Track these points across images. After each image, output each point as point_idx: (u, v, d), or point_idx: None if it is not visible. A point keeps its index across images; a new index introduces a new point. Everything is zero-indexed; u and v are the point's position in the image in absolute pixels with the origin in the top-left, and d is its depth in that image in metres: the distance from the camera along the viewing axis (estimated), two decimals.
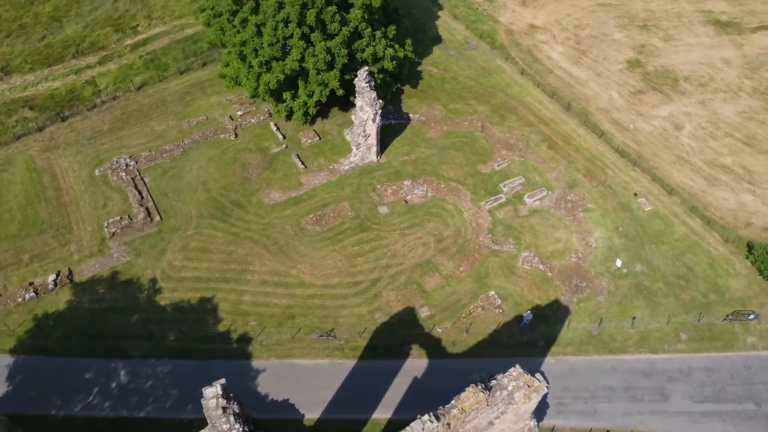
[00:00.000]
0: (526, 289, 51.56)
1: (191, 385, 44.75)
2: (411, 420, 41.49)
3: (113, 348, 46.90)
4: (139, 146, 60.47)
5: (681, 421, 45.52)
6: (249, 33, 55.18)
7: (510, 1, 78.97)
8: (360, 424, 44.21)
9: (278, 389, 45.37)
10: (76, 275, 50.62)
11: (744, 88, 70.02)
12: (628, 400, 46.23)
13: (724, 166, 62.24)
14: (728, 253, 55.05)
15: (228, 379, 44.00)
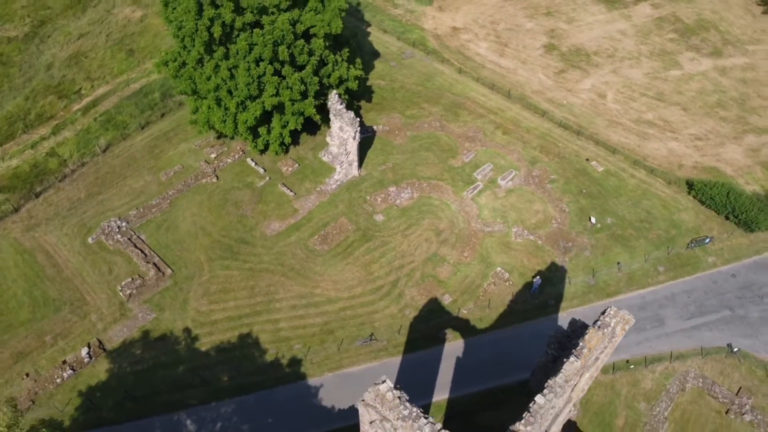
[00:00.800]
0: (525, 260, 57.95)
1: (259, 417, 47.11)
2: (468, 395, 46.75)
3: (170, 402, 47.80)
4: (123, 206, 60.51)
5: (680, 338, 53.73)
6: (222, 77, 57.29)
7: (428, 9, 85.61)
8: (424, 409, 48.37)
9: (341, 399, 48.48)
10: (106, 343, 50.63)
11: (643, 53, 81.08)
12: (635, 332, 53.76)
13: (648, 121, 72.29)
14: (673, 193, 64.63)
15: (291, 399, 47.45)
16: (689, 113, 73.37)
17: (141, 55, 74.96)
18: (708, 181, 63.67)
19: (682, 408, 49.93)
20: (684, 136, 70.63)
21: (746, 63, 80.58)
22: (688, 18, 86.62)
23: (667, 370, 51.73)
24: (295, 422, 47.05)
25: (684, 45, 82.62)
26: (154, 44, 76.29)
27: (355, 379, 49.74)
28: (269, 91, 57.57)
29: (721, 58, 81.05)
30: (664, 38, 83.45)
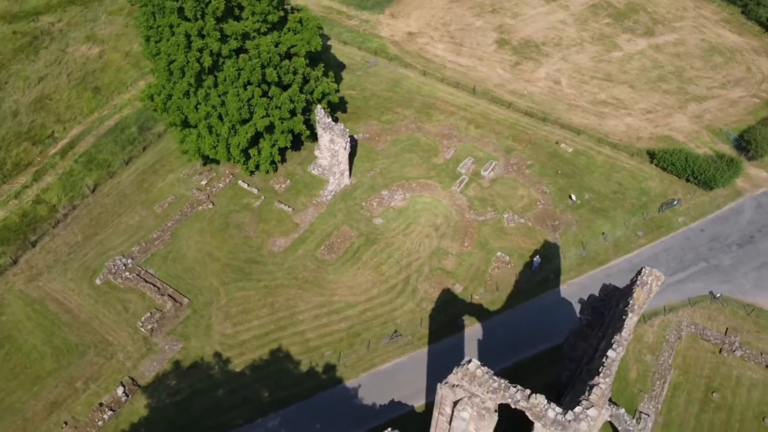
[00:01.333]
0: (521, 242, 62.19)
1: (306, 425, 48.93)
2: (498, 372, 50.19)
3: (216, 426, 48.76)
4: (124, 244, 60.51)
5: (669, 292, 59.25)
6: (212, 104, 58.40)
7: (381, 18, 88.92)
8: None
9: (380, 395, 50.92)
10: (139, 380, 50.96)
11: (585, 39, 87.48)
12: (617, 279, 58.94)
13: (602, 101, 78.40)
14: (638, 164, 70.68)
15: (333, 403, 49.63)
16: (636, 90, 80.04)
17: (108, 92, 74.49)
18: (666, 149, 70.05)
19: (682, 354, 55.36)
20: (636, 111, 77.08)
21: (676, 39, 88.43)
22: (619, 3, 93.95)
23: (663, 322, 57.12)
24: (341, 424, 49.14)
25: (619, 28, 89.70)
26: (118, 79, 75.94)
27: (388, 375, 52.32)
28: (259, 113, 59.24)
29: (654, 37, 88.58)
30: (600, 23, 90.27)
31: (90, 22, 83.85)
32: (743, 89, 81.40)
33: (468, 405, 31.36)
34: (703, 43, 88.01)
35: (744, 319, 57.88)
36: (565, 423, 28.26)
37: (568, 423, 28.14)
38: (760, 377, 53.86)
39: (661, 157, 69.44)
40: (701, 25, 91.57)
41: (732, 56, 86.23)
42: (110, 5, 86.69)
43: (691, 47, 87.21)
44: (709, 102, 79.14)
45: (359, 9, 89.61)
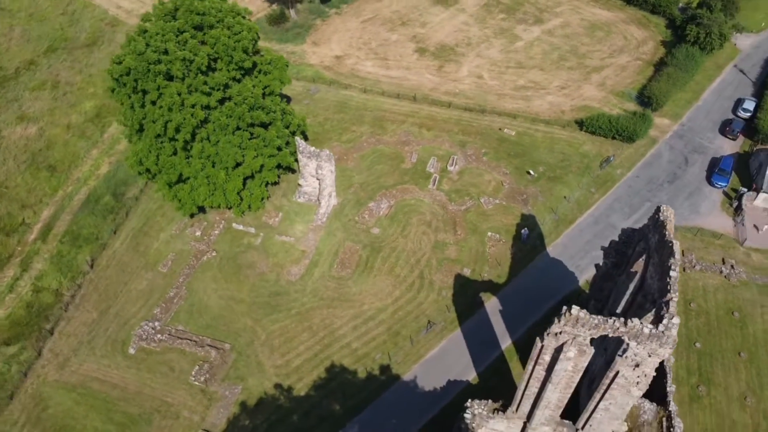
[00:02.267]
0: (504, 220, 70.18)
1: (383, 422, 53.34)
2: (525, 332, 57.28)
3: None
4: (142, 310, 60.79)
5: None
6: (206, 154, 60.40)
7: (305, 47, 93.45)
8: (500, 358, 58.25)
9: (436, 379, 56.39)
10: (214, 430, 52.43)
11: (489, 35, 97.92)
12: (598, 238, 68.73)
13: (523, 86, 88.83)
14: (570, 134, 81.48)
15: (400, 398, 54.60)
16: (546, 71, 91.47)
17: (64, 168, 72.98)
18: (590, 116, 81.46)
19: None
20: (552, 89, 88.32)
21: (561, 22, 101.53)
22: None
23: None
24: (413, 412, 54.03)
25: (513, 21, 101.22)
26: (70, 153, 74.53)
27: (436, 361, 57.90)
28: (251, 155, 62.21)
29: (544, 24, 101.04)
30: (497, 19, 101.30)
31: (13, 102, 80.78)
32: (627, 55, 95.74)
33: (573, 345, 38.04)
34: (583, 22, 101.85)
35: (692, 240, 69.92)
36: (659, 335, 35.77)
37: (662, 333, 35.69)
38: (719, 282, 65.78)
39: (588, 124, 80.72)
40: (577, 7, 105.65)
41: (609, 29, 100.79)
42: (29, 82, 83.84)
43: (576, 27, 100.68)
44: (606, 70, 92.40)
45: (282, 42, 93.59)
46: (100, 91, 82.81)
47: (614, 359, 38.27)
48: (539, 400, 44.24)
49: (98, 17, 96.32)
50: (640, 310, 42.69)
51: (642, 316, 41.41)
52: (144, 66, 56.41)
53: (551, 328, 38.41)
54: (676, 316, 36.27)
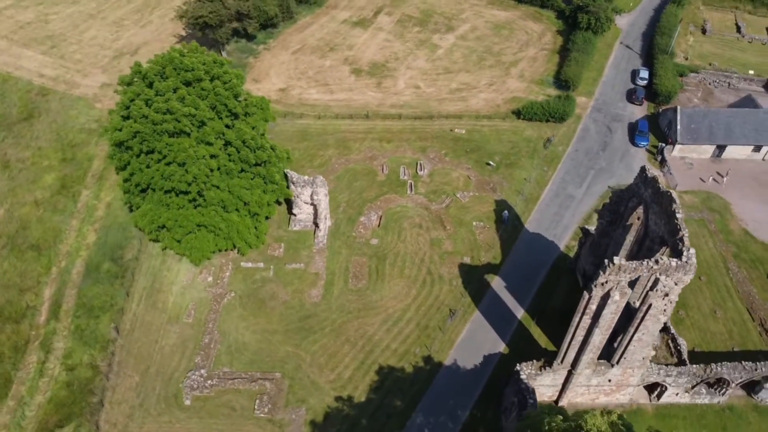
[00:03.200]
0: (481, 208, 78.31)
1: (442, 404, 59.34)
2: (534, 300, 65.00)
3: None
4: (182, 362, 61.97)
5: (586, 199, 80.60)
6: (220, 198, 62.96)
7: (247, 86, 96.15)
8: (520, 326, 66.00)
9: (473, 357, 63.04)
10: None
11: (411, 48, 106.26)
12: (562, 209, 78.86)
13: (456, 89, 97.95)
14: (511, 123, 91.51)
15: (448, 381, 61.41)
16: (471, 72, 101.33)
17: (49, 244, 71.54)
18: (524, 105, 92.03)
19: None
20: (482, 87, 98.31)
21: (470, 26, 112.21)
22: (414, 13, 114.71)
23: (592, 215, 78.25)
24: (464, 390, 60.35)
25: (428, 31, 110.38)
26: (50, 228, 73.08)
27: (468, 342, 64.52)
28: (256, 193, 65.54)
29: (455, 30, 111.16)
30: (413, 33, 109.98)
31: None
32: (533, 47, 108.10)
33: (617, 291, 46.36)
34: (488, 24, 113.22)
35: None
36: (684, 265, 44.88)
37: (686, 263, 44.83)
38: None
39: (525, 112, 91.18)
40: (478, 12, 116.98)
41: (511, 27, 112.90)
42: None
43: (483, 30, 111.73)
44: (520, 64, 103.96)
45: None
46: (55, 163, 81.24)
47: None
48: (585, 346, 52.31)
49: (24, 89, 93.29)
50: (649, 252, 51.97)
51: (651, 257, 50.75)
52: (150, 127, 58.23)
53: (597, 279, 46.48)
54: (693, 248, 45.62)
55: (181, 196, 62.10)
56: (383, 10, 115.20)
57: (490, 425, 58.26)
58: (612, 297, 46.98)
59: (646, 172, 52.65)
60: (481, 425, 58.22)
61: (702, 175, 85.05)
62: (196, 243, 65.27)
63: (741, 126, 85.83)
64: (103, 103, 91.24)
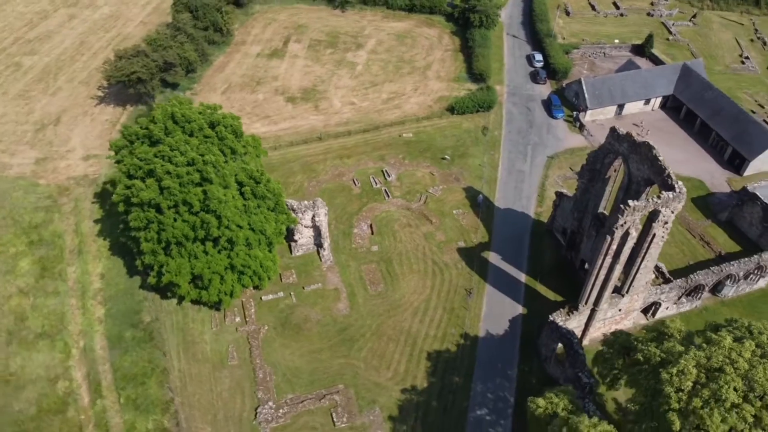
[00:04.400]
0: (455, 197, 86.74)
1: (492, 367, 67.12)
2: (531, 264, 74.15)
3: (462, 411, 62.33)
4: (246, 401, 63.36)
5: (536, 169, 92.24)
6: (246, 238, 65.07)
7: None
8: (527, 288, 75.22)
9: (500, 324, 71.30)
10: None
11: (332, 69, 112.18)
12: (519, 182, 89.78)
13: (388, 98, 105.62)
14: (448, 120, 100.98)
15: (487, 347, 69.23)
16: (395, 81, 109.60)
17: (57, 329, 68.60)
18: (454, 101, 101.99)
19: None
20: (410, 93, 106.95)
21: (376, 40, 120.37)
22: (322, 37, 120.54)
23: (549, 183, 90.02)
24: (502, 353, 68.34)
25: (341, 51, 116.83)
26: (51, 314, 70.00)
27: (490, 311, 72.62)
28: (271, 226, 68.40)
29: (365, 46, 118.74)
30: (328, 55, 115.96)
31: None
32: (438, 50, 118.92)
33: (633, 228, 56.74)
34: (391, 36, 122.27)
35: (571, 157, 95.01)
36: (678, 195, 56.19)
37: (680, 194, 56.16)
38: None
39: (457, 108, 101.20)
40: (377, 27, 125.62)
41: (412, 36, 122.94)
42: None
43: (389, 41, 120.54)
44: (433, 66, 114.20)
45: None
46: (24, 248, 76.96)
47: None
48: (606, 283, 62.42)
49: None
50: (636, 194, 63.09)
51: (639, 198, 62.08)
52: (176, 181, 59.29)
53: (617, 223, 56.50)
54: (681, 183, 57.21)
55: (208, 243, 63.48)
56: (291, 38, 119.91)
57: (539, 374, 66.71)
58: (630, 234, 57.36)
59: (618, 132, 63.91)
60: (532, 376, 66.50)
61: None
62: (225, 287, 66.62)
63: (632, 86, 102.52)
64: (48, 178, 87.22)
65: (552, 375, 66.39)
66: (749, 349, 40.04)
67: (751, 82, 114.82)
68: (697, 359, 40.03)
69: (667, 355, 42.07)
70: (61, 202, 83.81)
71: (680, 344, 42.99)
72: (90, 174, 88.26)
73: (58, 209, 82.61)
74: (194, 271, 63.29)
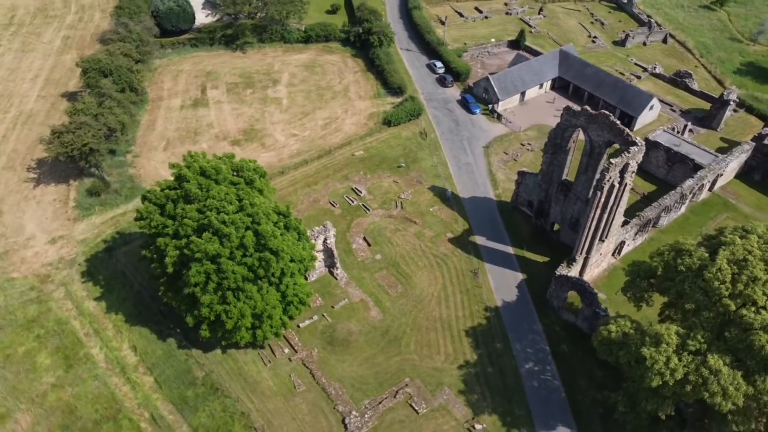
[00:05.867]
0: (426, 197, 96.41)
1: (524, 329, 77.57)
2: (511, 240, 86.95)
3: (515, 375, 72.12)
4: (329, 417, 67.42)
5: (478, 159, 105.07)
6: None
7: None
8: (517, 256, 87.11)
9: (511, 292, 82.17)
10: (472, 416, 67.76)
11: (260, 107, 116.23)
12: (471, 174, 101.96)
13: (326, 124, 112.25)
14: (388, 131, 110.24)
15: (510, 312, 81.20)
16: (324, 108, 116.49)
17: (112, 411, 67.03)
18: (388, 114, 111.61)
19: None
20: (342, 115, 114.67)
21: (288, 74, 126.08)
22: (235, 80, 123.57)
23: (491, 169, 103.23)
24: (526, 313, 79.38)
25: (261, 89, 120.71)
26: (95, 400, 68.00)
27: (499, 284, 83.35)
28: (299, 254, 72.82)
29: (281, 81, 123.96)
30: (249, 95, 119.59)
31: None
32: (347, 73, 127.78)
33: (615, 180, 70.63)
34: (299, 67, 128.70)
35: (501, 143, 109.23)
36: (641, 148, 70.97)
37: (642, 146, 70.97)
38: (533, 155, 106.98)
39: (393, 120, 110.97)
40: (283, 61, 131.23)
41: (319, 64, 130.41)
42: None
43: (300, 73, 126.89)
44: (351, 88, 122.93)
45: (128, 201, 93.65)
46: (35, 344, 72.90)
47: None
48: (596, 233, 76.04)
49: None
50: (599, 156, 77.42)
51: (600, 161, 76.75)
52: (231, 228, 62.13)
53: (606, 178, 70.00)
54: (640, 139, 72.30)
55: (261, 281, 66.64)
56: (206, 86, 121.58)
57: (558, 322, 78.60)
58: (614, 186, 71.22)
59: (572, 109, 77.95)
60: (554, 325, 78.21)
61: (528, 115, 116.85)
62: (275, 322, 69.76)
63: (527, 75, 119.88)
64: (20, 270, 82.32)
65: (568, 320, 78.70)
66: (755, 240, 54.73)
67: (606, 56, 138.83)
68: (725, 257, 53.80)
69: (702, 261, 55.45)
70: (48, 290, 79.93)
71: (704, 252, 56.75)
72: (65, 256, 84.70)
73: (48, 297, 78.80)
74: (256, 311, 66.08)
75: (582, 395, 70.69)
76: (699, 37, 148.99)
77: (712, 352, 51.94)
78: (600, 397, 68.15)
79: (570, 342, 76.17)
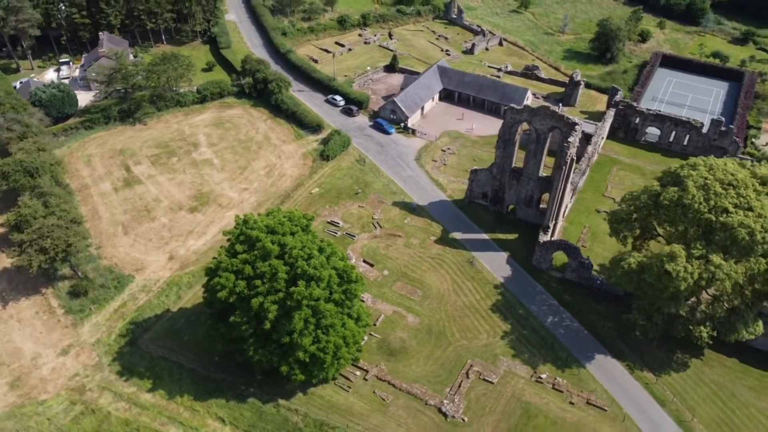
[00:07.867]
0: (395, 212, 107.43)
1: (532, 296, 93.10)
2: (484, 228, 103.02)
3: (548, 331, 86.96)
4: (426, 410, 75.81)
5: (417, 170, 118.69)
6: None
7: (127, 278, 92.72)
8: (496, 241, 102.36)
9: (505, 269, 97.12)
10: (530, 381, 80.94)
11: (194, 173, 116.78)
12: (421, 187, 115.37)
13: (267, 172, 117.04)
14: (330, 165, 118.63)
15: (518, 284, 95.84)
16: (257, 159, 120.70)
17: None
18: (322, 150, 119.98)
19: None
20: (276, 161, 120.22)
21: (203, 135, 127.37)
22: (156, 152, 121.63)
23: (431, 175, 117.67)
24: (527, 282, 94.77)
25: (184, 155, 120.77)
26: None
27: (494, 266, 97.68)
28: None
29: (199, 144, 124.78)
30: (176, 163, 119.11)
31: None
32: (258, 122, 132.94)
33: (574, 154, 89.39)
34: (208, 127, 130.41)
35: (425, 152, 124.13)
36: (580, 125, 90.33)
37: (579, 125, 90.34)
38: (455, 159, 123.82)
39: (330, 154, 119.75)
40: (190, 124, 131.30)
41: (226, 119, 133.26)
42: None
43: (213, 131, 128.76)
44: (271, 135, 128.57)
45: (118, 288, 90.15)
46: None
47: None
48: (563, 200, 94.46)
49: None
50: (544, 141, 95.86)
51: (545, 146, 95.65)
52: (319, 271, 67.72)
53: (567, 155, 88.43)
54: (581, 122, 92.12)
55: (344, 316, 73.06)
56: (128, 163, 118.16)
57: (555, 280, 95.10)
58: (587, 154, 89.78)
59: (513, 107, 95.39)
60: (552, 283, 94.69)
61: (434, 125, 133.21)
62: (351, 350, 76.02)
63: (421, 91, 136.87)
64: (47, 389, 76.71)
65: (558, 276, 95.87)
66: (703, 170, 76.42)
67: (465, 64, 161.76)
68: (692, 185, 74.55)
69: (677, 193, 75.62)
70: (93, 399, 76.13)
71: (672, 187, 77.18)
72: (88, 362, 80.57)
73: (98, 406, 75.12)
74: (346, 340, 72.15)
75: (598, 327, 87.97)
76: (523, 36, 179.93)
77: (710, 254, 71.83)
78: (611, 324, 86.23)
79: (569, 292, 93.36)
